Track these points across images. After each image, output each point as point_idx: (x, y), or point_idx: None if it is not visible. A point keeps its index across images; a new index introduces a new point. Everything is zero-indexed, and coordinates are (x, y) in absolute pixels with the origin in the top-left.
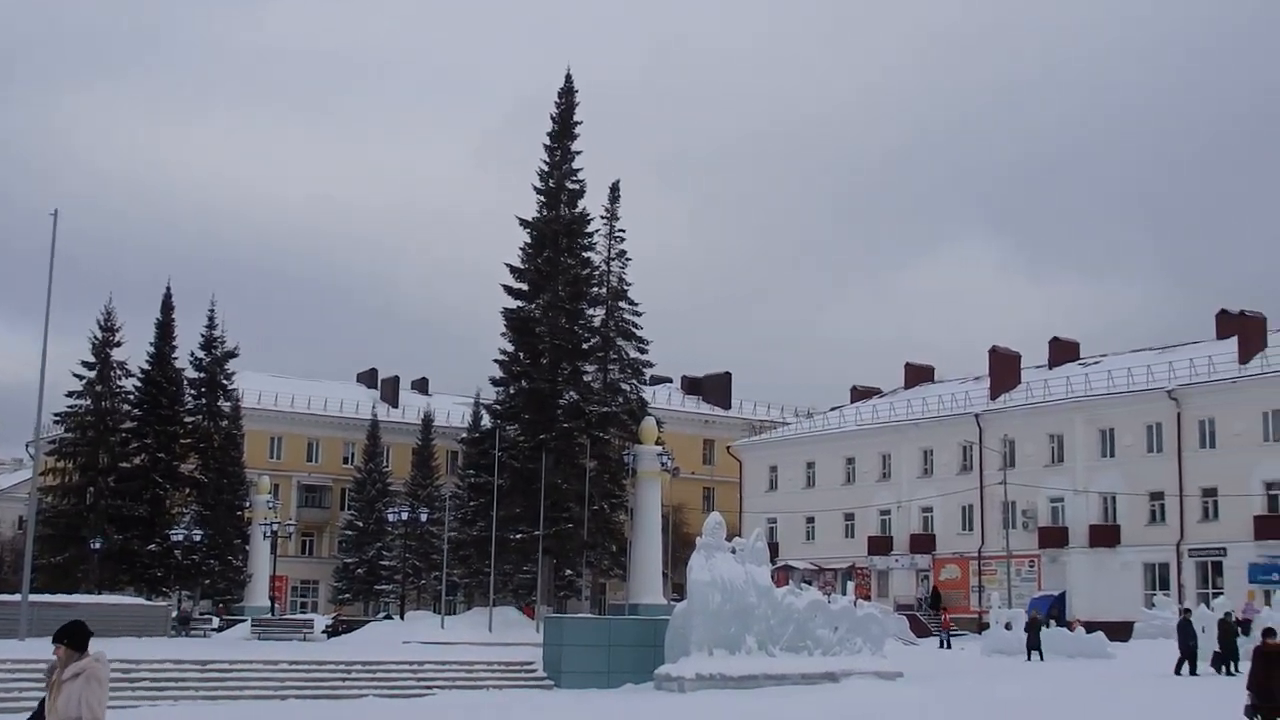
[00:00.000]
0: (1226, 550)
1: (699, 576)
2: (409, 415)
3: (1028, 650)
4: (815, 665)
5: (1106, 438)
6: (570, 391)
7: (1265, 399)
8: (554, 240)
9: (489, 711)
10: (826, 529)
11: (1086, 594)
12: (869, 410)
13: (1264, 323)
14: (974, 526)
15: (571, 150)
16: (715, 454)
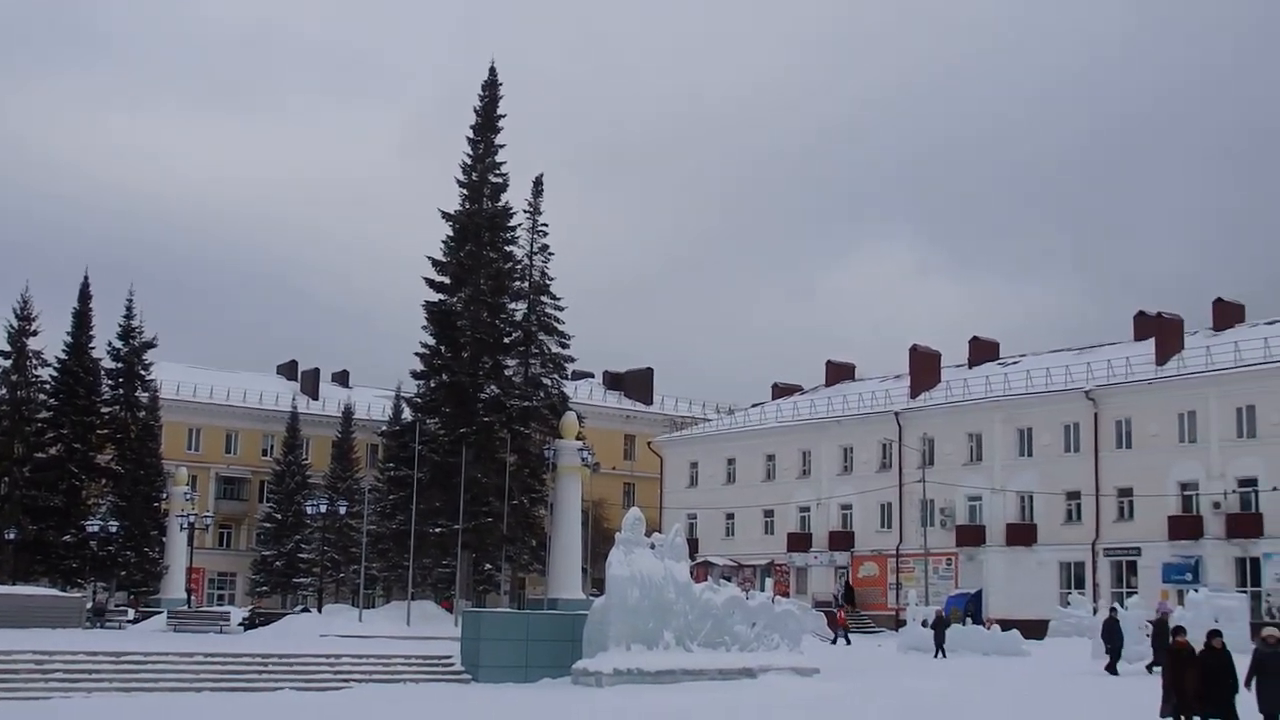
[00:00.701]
0: (1141, 550)
1: (618, 572)
2: (329, 408)
3: (936, 647)
4: (732, 661)
5: (1024, 437)
6: (491, 385)
7: (1181, 400)
8: (476, 234)
9: (405, 705)
10: (746, 525)
11: (1003, 592)
12: (790, 407)
13: (1181, 325)
14: (892, 524)
15: (495, 143)
16: (636, 449)
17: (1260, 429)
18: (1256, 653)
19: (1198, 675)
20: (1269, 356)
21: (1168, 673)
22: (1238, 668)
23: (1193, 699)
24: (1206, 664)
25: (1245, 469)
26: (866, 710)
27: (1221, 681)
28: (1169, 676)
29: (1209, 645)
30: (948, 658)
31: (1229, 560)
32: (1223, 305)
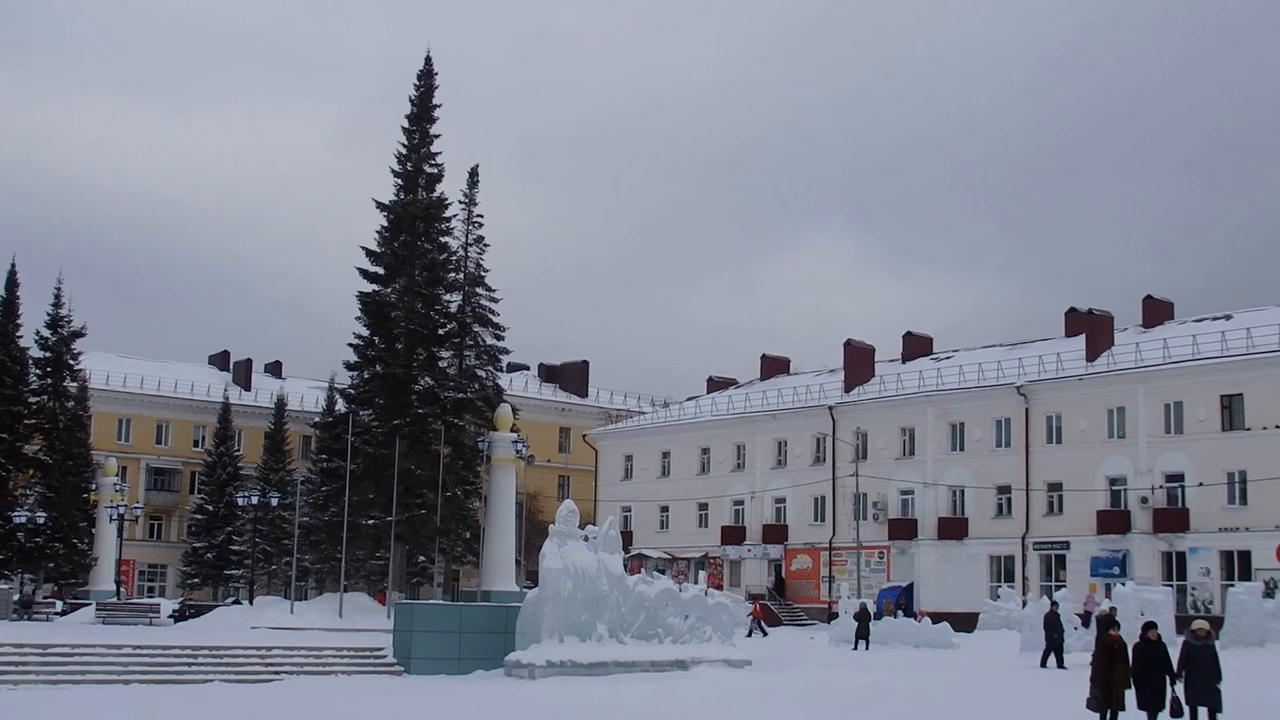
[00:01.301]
0: (1070, 544)
1: (551, 564)
2: (262, 398)
3: (856, 639)
4: (665, 653)
5: (956, 432)
6: (425, 377)
7: (1110, 396)
8: (411, 224)
9: (336, 697)
10: (681, 518)
11: (934, 585)
12: (725, 401)
13: (1111, 321)
14: (825, 518)
15: (430, 134)
16: (571, 442)
17: (1187, 425)
18: (1186, 646)
19: (1127, 670)
20: (1197, 354)
21: (1097, 666)
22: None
23: (1120, 693)
24: (1143, 655)
25: (1172, 465)
26: (797, 702)
27: (1157, 673)
28: (1098, 670)
29: (1144, 637)
30: (869, 649)
31: (1155, 554)
32: (1152, 303)
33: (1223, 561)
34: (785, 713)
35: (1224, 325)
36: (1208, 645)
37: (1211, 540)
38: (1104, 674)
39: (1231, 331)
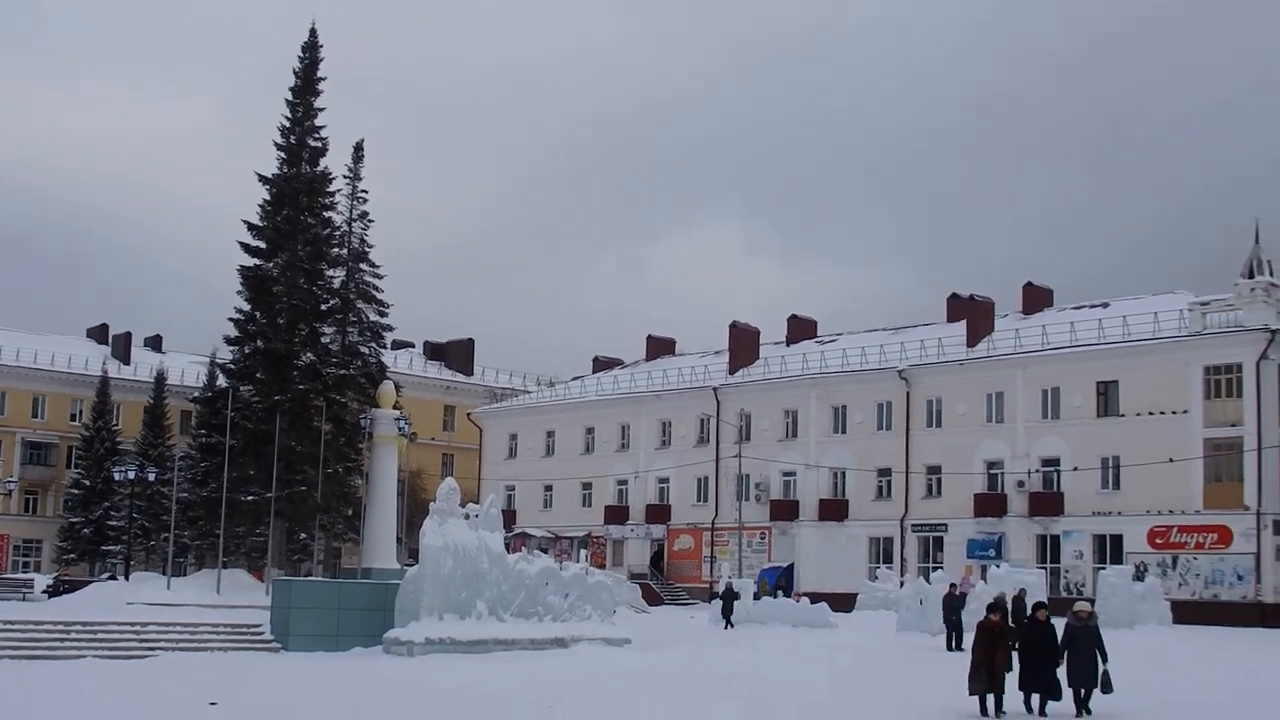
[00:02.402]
0: (948, 526)
1: (432, 542)
2: (141, 373)
3: (723, 618)
4: (545, 631)
5: (839, 415)
6: (307, 353)
7: (989, 381)
8: (294, 198)
9: (211, 673)
10: (564, 498)
11: (814, 565)
12: (610, 381)
13: (992, 307)
14: (708, 498)
15: (314, 107)
16: (456, 420)
17: (1064, 411)
18: (1068, 627)
19: (1009, 654)
20: (1074, 340)
21: (978, 650)
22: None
23: (1001, 675)
24: (1032, 635)
25: (1048, 449)
26: (675, 680)
27: (1046, 652)
28: (980, 654)
29: (1033, 617)
30: (734, 628)
31: (1030, 537)
32: (1033, 290)
33: (1095, 545)
34: (661, 690)
35: (1101, 313)
36: (1089, 626)
37: (1085, 524)
38: (985, 657)
39: (1108, 320)
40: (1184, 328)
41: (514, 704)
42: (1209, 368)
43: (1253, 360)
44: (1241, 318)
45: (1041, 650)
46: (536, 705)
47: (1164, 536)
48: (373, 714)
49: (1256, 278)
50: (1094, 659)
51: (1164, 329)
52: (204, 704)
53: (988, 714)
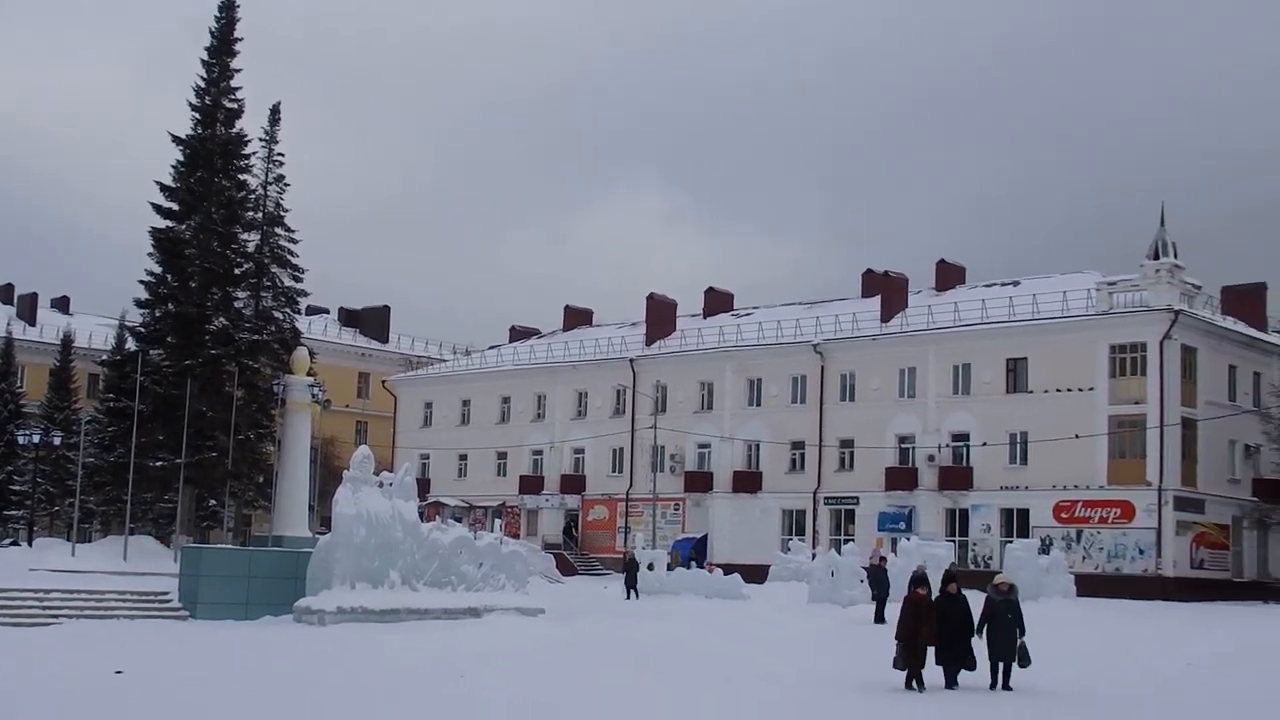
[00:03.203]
0: (859, 499)
1: (344, 510)
2: (48, 334)
3: (627, 588)
4: (458, 600)
5: (754, 387)
6: (220, 317)
7: (902, 357)
8: (208, 160)
9: (116, 641)
10: (479, 467)
11: (728, 537)
12: (526, 351)
13: (906, 284)
14: (623, 469)
15: (231, 68)
16: (371, 388)
17: (974, 387)
18: (988, 601)
19: (933, 628)
20: (985, 318)
21: (903, 623)
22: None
23: (925, 651)
24: (943, 609)
25: (958, 424)
26: (588, 650)
27: (959, 626)
28: (905, 628)
29: (945, 590)
30: (639, 599)
31: (940, 511)
32: (946, 267)
33: (1003, 519)
34: (573, 660)
35: (1012, 292)
36: (1009, 600)
37: (993, 498)
38: (910, 631)
39: (1019, 298)
40: (1091, 307)
41: (425, 673)
42: (1114, 346)
43: (1156, 340)
44: (1146, 298)
45: (955, 622)
46: (448, 674)
47: (1069, 511)
48: (282, 683)
49: (1161, 259)
50: (1013, 632)
51: (1072, 308)
52: (109, 673)
53: (912, 688)
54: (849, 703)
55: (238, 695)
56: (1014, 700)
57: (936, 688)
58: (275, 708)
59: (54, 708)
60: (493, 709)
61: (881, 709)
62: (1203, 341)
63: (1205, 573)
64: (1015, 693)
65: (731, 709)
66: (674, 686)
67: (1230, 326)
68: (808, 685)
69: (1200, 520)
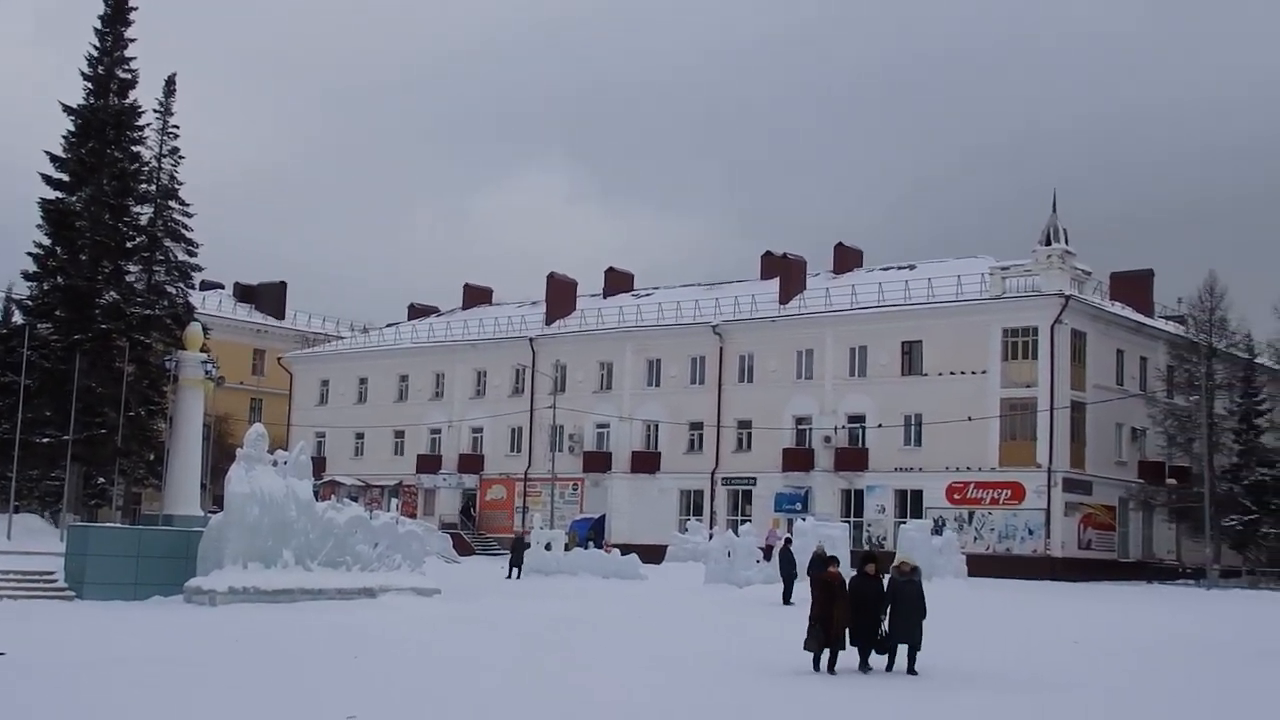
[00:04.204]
0: (756, 480)
1: (237, 488)
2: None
3: (511, 567)
4: (353, 580)
5: (653, 368)
6: (111, 291)
7: (800, 339)
8: (101, 131)
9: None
10: (376, 445)
11: (626, 517)
12: (425, 329)
13: (804, 266)
14: (522, 448)
15: (125, 37)
16: (266, 364)
17: (870, 369)
18: (891, 582)
19: (846, 607)
20: (882, 301)
21: (816, 604)
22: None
23: (840, 631)
24: (860, 590)
25: (855, 406)
26: (480, 629)
27: (874, 607)
28: (818, 608)
29: (862, 571)
30: (521, 579)
31: (836, 491)
32: (843, 250)
33: (897, 499)
34: (469, 640)
35: (908, 275)
36: (912, 580)
37: (888, 479)
38: (824, 612)
39: (915, 281)
40: (985, 292)
41: (317, 654)
42: (1007, 330)
43: (1047, 324)
44: (1038, 283)
45: (871, 605)
46: (341, 655)
47: (961, 492)
48: (171, 664)
49: (1053, 245)
50: (917, 614)
51: (966, 292)
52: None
53: (820, 670)
54: (750, 684)
55: (125, 677)
56: (917, 683)
57: (849, 669)
58: (164, 689)
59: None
60: (385, 689)
61: (780, 691)
62: (1092, 326)
63: (1092, 553)
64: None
65: (631, 691)
66: (568, 668)
67: (1118, 312)
68: (707, 667)
69: (1088, 502)
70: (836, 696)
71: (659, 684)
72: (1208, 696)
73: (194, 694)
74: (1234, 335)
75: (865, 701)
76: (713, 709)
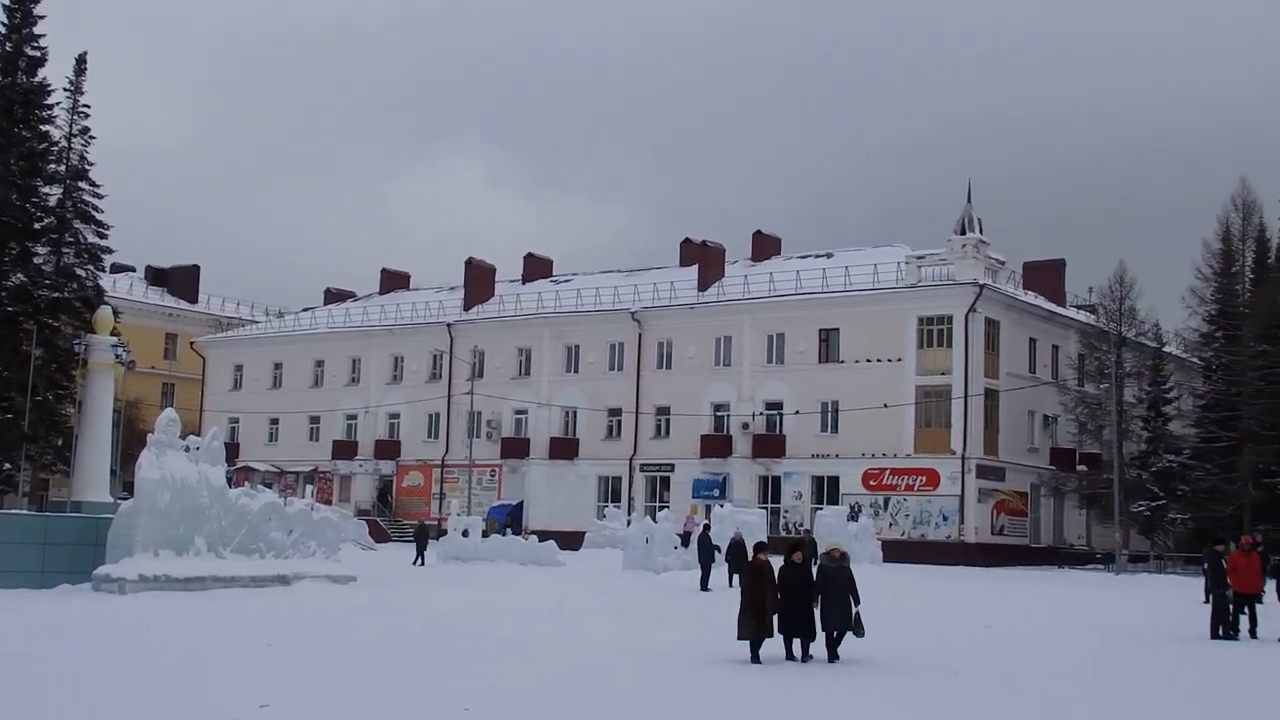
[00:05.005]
0: (675, 466)
1: (148, 474)
2: None
3: (416, 554)
4: (267, 568)
5: (572, 354)
6: (18, 274)
7: (718, 326)
8: (8, 109)
9: None
10: (291, 431)
11: (544, 504)
12: (342, 314)
13: (723, 253)
14: (439, 435)
15: (34, 14)
16: (178, 349)
17: (788, 356)
18: (822, 568)
19: (776, 594)
20: (799, 289)
21: (748, 593)
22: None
23: (771, 619)
24: (789, 578)
25: (772, 393)
26: (394, 617)
27: (803, 595)
28: (749, 596)
29: (789, 560)
30: (425, 565)
31: (753, 478)
32: (762, 238)
33: (814, 486)
34: (384, 628)
35: (825, 263)
36: (843, 567)
37: (804, 466)
38: (755, 600)
39: (832, 269)
40: (901, 280)
41: (229, 642)
42: (922, 319)
43: (962, 313)
44: (953, 272)
45: (799, 592)
46: (253, 644)
47: (877, 479)
48: (79, 653)
49: (968, 234)
50: (847, 601)
51: (883, 281)
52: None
53: (760, 660)
54: (675, 672)
55: (31, 667)
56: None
57: (776, 658)
58: (71, 679)
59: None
60: (299, 677)
61: (708, 680)
62: (1005, 315)
63: (1005, 539)
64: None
65: (547, 679)
66: (485, 655)
67: (1031, 301)
68: (667, 656)
69: (1000, 488)
70: (765, 685)
71: (577, 672)
72: (1110, 680)
73: (102, 683)
74: (1143, 325)
75: (794, 691)
76: (621, 697)
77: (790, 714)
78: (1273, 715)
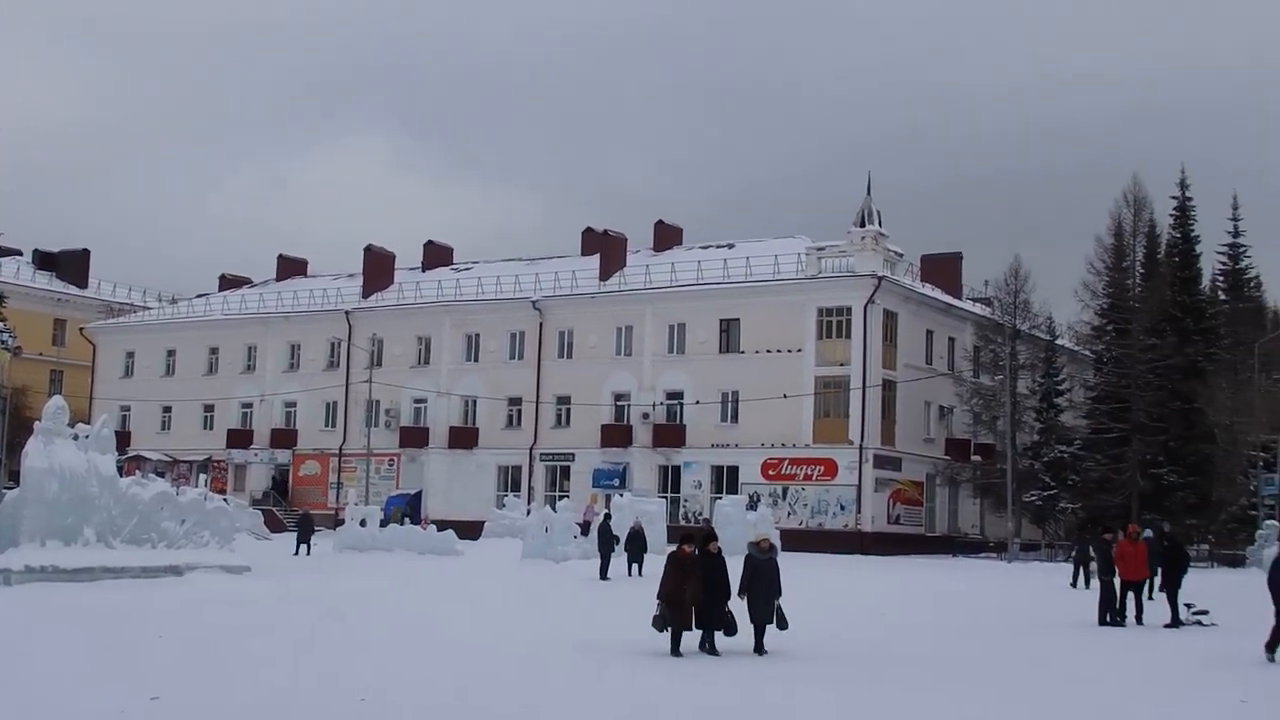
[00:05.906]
0: (575, 455)
1: (35, 463)
2: None
3: (298, 543)
4: (158, 558)
5: (472, 343)
6: None
7: (619, 315)
8: None
9: None
10: (184, 420)
11: (443, 493)
12: (237, 300)
13: (625, 243)
14: (337, 423)
15: None
16: (67, 335)
17: (689, 346)
18: (749, 560)
19: (699, 586)
20: (700, 279)
21: (667, 582)
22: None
23: (690, 609)
24: (704, 569)
25: (673, 383)
26: (289, 607)
27: (720, 587)
28: (668, 586)
29: (705, 550)
30: (310, 554)
31: (654, 467)
32: (664, 228)
33: (714, 475)
34: (278, 618)
35: (727, 254)
36: (770, 559)
37: (704, 455)
38: (674, 590)
39: (733, 260)
40: (801, 271)
41: (119, 634)
42: (822, 310)
43: (861, 304)
44: (853, 264)
45: (719, 583)
46: (144, 635)
47: (776, 468)
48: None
49: (867, 227)
50: (773, 593)
51: (783, 271)
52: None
53: (681, 653)
54: (578, 664)
55: None
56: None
57: (693, 651)
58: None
59: None
60: (190, 668)
61: (632, 673)
62: (903, 307)
63: (901, 528)
64: (768, 655)
65: (451, 666)
66: (380, 646)
67: (928, 294)
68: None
69: (897, 478)
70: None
71: (476, 663)
72: (1003, 664)
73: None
74: (1037, 318)
75: (706, 682)
76: (504, 683)
77: (729, 705)
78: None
